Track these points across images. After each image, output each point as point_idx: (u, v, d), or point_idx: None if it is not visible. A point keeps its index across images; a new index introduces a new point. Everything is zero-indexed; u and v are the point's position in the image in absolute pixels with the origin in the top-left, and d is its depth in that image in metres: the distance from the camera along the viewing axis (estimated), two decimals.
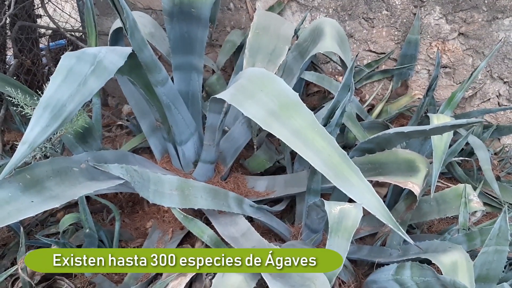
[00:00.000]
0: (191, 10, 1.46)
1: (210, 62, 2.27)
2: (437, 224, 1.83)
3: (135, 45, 1.19)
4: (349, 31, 2.20)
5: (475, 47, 2.04)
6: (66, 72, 1.05)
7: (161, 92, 1.41)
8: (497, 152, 2.22)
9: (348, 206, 1.15)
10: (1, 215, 0.87)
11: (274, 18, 1.84)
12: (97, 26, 1.87)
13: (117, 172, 1.18)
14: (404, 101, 2.20)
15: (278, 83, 1.24)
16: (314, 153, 1.11)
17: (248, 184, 1.86)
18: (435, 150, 1.32)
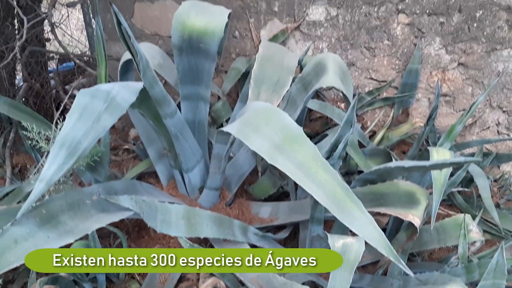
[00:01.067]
0: (199, 45, 1.51)
1: (215, 88, 2.33)
2: (438, 252, 1.86)
3: (147, 83, 1.25)
4: (351, 60, 2.26)
5: (474, 77, 2.10)
6: (81, 109, 1.09)
7: (170, 123, 1.46)
8: (497, 179, 2.26)
9: (351, 240, 1.18)
10: (20, 252, 0.92)
11: (278, 49, 1.90)
12: (106, 54, 1.92)
13: (127, 204, 1.23)
14: (405, 128, 2.25)
15: (282, 117, 1.28)
16: (317, 186, 1.15)
17: (252, 210, 1.90)
18: (435, 183, 1.36)
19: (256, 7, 2.31)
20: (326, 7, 2.19)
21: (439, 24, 2.04)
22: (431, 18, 2.04)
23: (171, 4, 2.45)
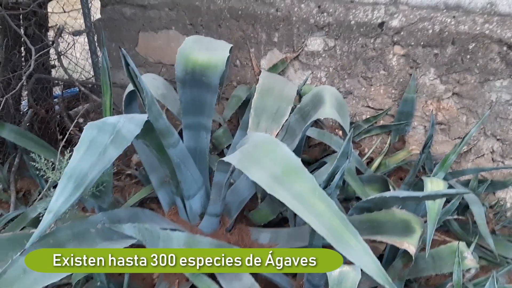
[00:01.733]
0: (202, 78, 1.58)
1: (217, 116, 2.39)
2: (434, 278, 1.89)
3: (152, 117, 1.30)
4: (349, 88, 2.32)
5: (468, 106, 2.15)
6: (88, 143, 1.15)
7: (172, 153, 1.51)
8: (492, 205, 2.29)
9: (347, 269, 1.22)
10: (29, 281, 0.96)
11: (277, 80, 1.96)
12: (111, 82, 1.99)
13: (131, 232, 1.27)
14: (401, 155, 2.30)
15: (282, 149, 1.33)
16: (315, 216, 1.19)
17: (252, 236, 1.93)
18: (429, 212, 1.40)
19: (257, 38, 2.39)
20: (324, 38, 2.27)
21: (433, 56, 2.11)
22: (426, 49, 2.11)
23: (174, 34, 2.54)
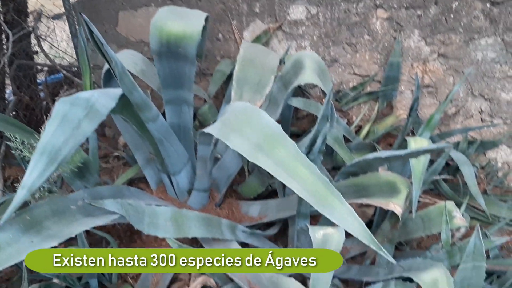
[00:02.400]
0: (178, 49, 1.54)
1: (201, 92, 2.35)
2: (427, 240, 1.88)
3: (125, 89, 1.27)
4: (334, 56, 2.29)
5: (454, 66, 2.13)
6: (61, 117, 1.12)
7: (153, 127, 1.49)
8: (483, 166, 2.29)
9: (331, 230, 1.21)
10: (3, 257, 0.94)
11: (259, 50, 1.93)
12: (91, 63, 1.95)
13: (113, 208, 1.25)
14: (390, 121, 2.28)
15: (262, 117, 1.31)
16: (298, 181, 1.17)
17: (242, 209, 1.92)
18: (414, 172, 1.39)
19: (238, 9, 2.34)
20: (306, 5, 2.23)
21: (417, 17, 2.08)
22: (409, 11, 2.08)
23: (154, 10, 2.48)
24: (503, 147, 2.25)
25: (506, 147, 2.25)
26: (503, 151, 2.26)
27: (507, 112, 2.15)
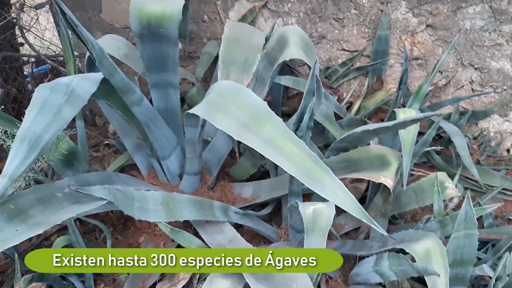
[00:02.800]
0: (159, 30, 1.51)
1: (189, 75, 2.33)
2: (421, 213, 1.88)
3: (105, 72, 1.25)
4: (321, 33, 2.26)
5: (443, 37, 2.10)
6: (40, 104, 1.10)
7: (138, 111, 1.47)
8: (476, 136, 2.28)
9: (321, 206, 1.20)
10: None
11: (244, 28, 1.89)
12: (74, 51, 1.92)
13: (100, 194, 1.24)
14: (380, 96, 2.26)
15: (247, 95, 1.29)
16: (286, 158, 1.16)
17: (234, 191, 1.91)
18: (403, 144, 1.37)
19: None
20: None
21: None
22: None
23: None
24: (495, 117, 2.24)
25: (498, 116, 2.24)
26: (495, 121, 2.25)
27: (497, 81, 2.14)
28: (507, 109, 2.21)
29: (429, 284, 1.13)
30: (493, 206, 1.51)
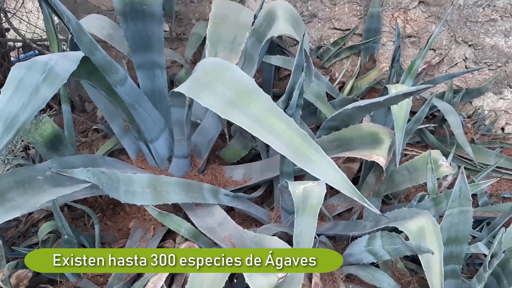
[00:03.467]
0: (143, 7, 1.46)
1: (178, 57, 2.27)
2: (415, 193, 1.86)
3: (84, 49, 1.20)
4: (312, 11, 2.20)
5: (436, 13, 2.05)
6: (16, 83, 1.05)
7: (122, 91, 1.42)
8: (470, 115, 2.24)
9: (311, 184, 1.16)
10: None
11: (232, 6, 1.84)
12: (58, 33, 1.86)
13: (83, 176, 1.19)
14: (373, 75, 2.22)
15: (234, 71, 1.24)
16: (275, 136, 1.13)
17: (225, 174, 1.87)
18: (396, 120, 1.34)
19: None
20: None
21: None
22: None
23: None
24: (489, 94, 2.20)
25: (492, 94, 2.20)
26: (489, 99, 2.22)
27: (491, 58, 2.10)
28: (501, 86, 2.17)
29: (423, 262, 1.10)
30: (487, 182, 1.49)
